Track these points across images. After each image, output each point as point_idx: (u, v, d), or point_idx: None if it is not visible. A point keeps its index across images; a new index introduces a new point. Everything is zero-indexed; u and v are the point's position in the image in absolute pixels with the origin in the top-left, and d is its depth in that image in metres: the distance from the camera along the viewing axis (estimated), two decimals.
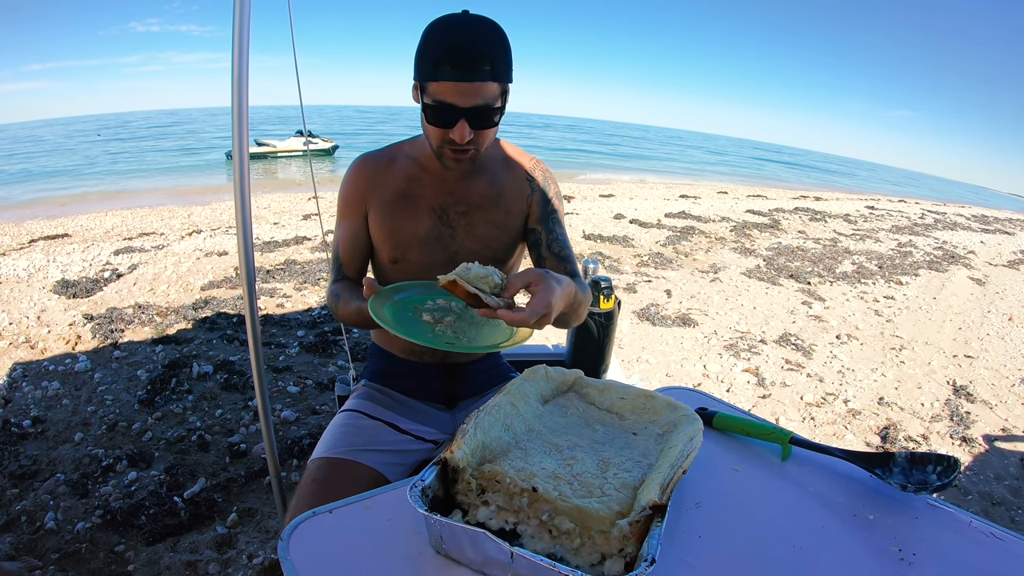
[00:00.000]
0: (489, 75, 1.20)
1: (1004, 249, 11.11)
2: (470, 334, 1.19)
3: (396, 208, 1.42)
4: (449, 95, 1.19)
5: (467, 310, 1.26)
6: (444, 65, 1.17)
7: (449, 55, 1.16)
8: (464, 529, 0.73)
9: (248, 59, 1.46)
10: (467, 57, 1.17)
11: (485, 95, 1.21)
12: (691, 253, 7.69)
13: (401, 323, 1.16)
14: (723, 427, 1.18)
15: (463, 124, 1.22)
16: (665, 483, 0.79)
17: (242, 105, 1.48)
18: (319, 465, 1.32)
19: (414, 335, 1.09)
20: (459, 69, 1.17)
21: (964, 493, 2.93)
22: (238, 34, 1.42)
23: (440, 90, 1.19)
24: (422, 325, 1.19)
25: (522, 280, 1.06)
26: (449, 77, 1.17)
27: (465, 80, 1.18)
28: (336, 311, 1.42)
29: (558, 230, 1.50)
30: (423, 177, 1.43)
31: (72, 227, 8.30)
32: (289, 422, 3.02)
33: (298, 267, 5.70)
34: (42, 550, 2.12)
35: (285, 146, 21.92)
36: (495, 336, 1.21)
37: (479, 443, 0.85)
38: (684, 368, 4.10)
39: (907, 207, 18.28)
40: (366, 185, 1.44)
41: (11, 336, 3.94)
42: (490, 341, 1.18)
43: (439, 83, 1.19)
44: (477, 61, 1.18)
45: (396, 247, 1.43)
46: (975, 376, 4.43)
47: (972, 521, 0.94)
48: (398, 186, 1.43)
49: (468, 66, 1.17)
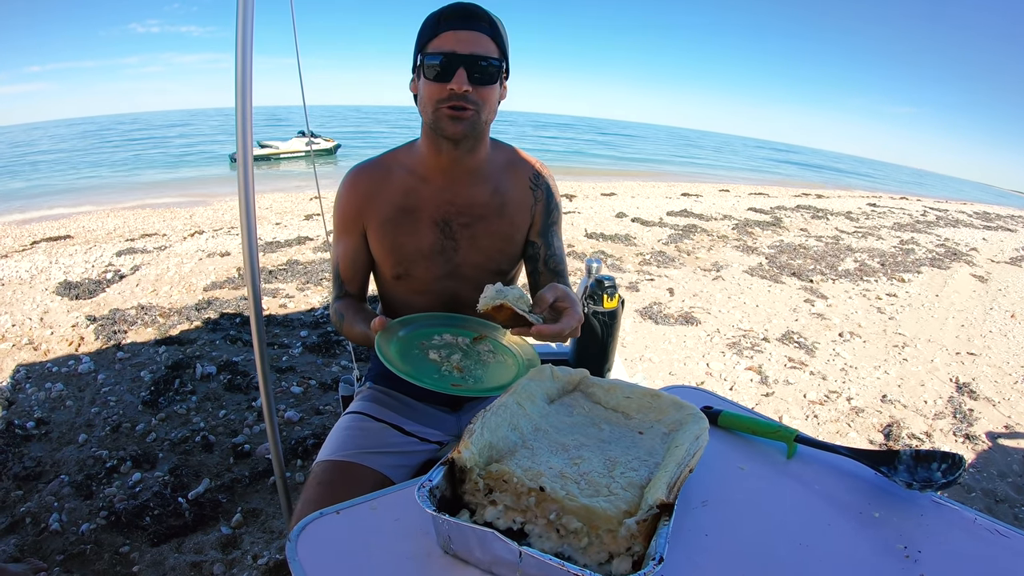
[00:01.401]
0: (487, 31, 1.26)
1: (1007, 246, 11.08)
2: (476, 373, 1.20)
3: (396, 224, 1.40)
4: (448, 44, 1.23)
5: (473, 347, 1.27)
6: (444, 19, 1.24)
7: (449, 10, 1.25)
8: (472, 529, 0.73)
9: (251, 61, 1.46)
10: (467, 10, 1.25)
11: (483, 47, 1.25)
12: (693, 251, 7.69)
13: (407, 361, 1.17)
14: (728, 426, 1.18)
15: (461, 72, 1.23)
16: (672, 482, 0.79)
17: (246, 107, 1.47)
18: (324, 468, 1.32)
19: (420, 378, 1.11)
20: (459, 18, 1.24)
21: (968, 490, 2.93)
22: (241, 36, 1.41)
23: (439, 43, 1.24)
24: (428, 364, 1.19)
25: (551, 295, 1.11)
26: (449, 27, 1.23)
27: (465, 29, 1.24)
28: (340, 330, 1.42)
29: (556, 244, 1.50)
30: (421, 188, 1.40)
31: (74, 228, 8.32)
32: (293, 422, 3.03)
33: (300, 267, 5.71)
34: (47, 552, 2.13)
35: (288, 147, 21.93)
36: (501, 375, 1.21)
37: (486, 443, 0.85)
38: (687, 367, 4.10)
39: (909, 204, 18.25)
40: (362, 200, 1.42)
41: (14, 338, 3.94)
42: (496, 381, 1.19)
43: (439, 37, 1.24)
44: (475, 14, 1.25)
45: (399, 263, 1.42)
46: (978, 373, 4.42)
47: (977, 518, 0.95)
48: (396, 200, 1.40)
49: (467, 16, 1.25)
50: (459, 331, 1.31)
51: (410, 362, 1.17)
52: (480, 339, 1.30)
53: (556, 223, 1.52)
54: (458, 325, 1.34)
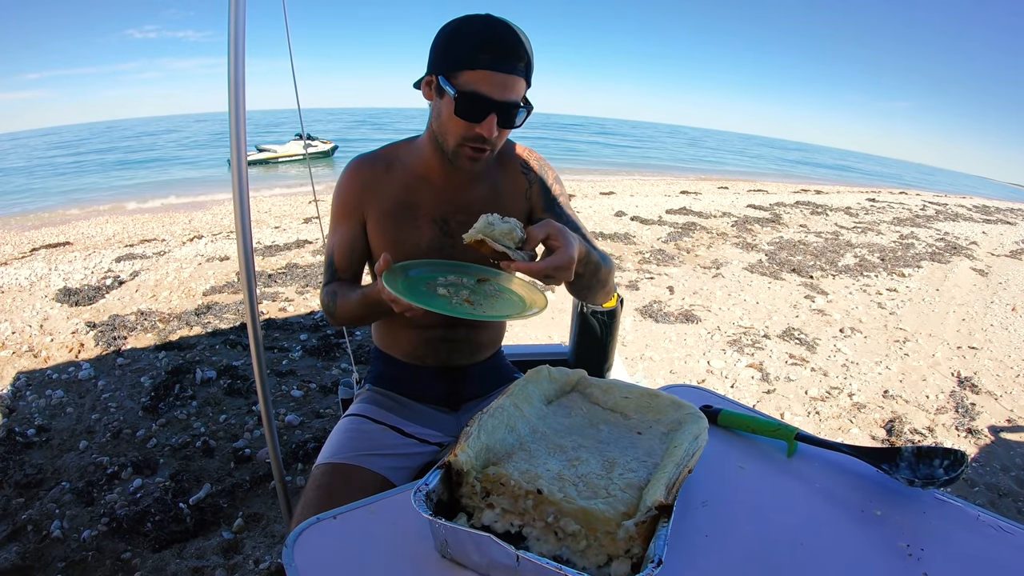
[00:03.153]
0: (523, 72, 1.19)
1: (1006, 239, 11.07)
2: (485, 306, 1.17)
3: (397, 219, 1.39)
4: (484, 85, 1.16)
5: (480, 285, 1.26)
6: (483, 53, 1.14)
7: (491, 44, 1.14)
8: (469, 533, 0.73)
9: (244, 65, 1.46)
10: (508, 47, 1.16)
11: (517, 92, 1.20)
12: (693, 249, 7.68)
13: (416, 296, 1.12)
14: (728, 424, 1.17)
15: (493, 119, 1.19)
16: (671, 482, 0.78)
17: (239, 111, 1.47)
18: (324, 471, 1.31)
19: (433, 305, 1.08)
20: (499, 58, 1.15)
21: (971, 484, 2.92)
22: (233, 40, 1.41)
23: (475, 79, 1.16)
24: (438, 298, 1.16)
25: (541, 232, 1.09)
26: (487, 66, 1.15)
27: (503, 71, 1.16)
28: (335, 308, 1.40)
29: (566, 214, 1.47)
30: (422, 186, 1.40)
31: (73, 235, 8.32)
32: (293, 426, 3.02)
33: (300, 271, 5.70)
34: (48, 559, 2.12)
35: (285, 151, 21.94)
36: (509, 308, 1.19)
37: (483, 446, 0.85)
38: (688, 365, 4.10)
39: (908, 199, 18.24)
40: (363, 190, 1.41)
41: (14, 345, 3.94)
42: (507, 311, 1.17)
43: (475, 72, 1.16)
44: (516, 54, 1.17)
45: (397, 258, 1.40)
46: (980, 367, 4.41)
47: (980, 515, 0.94)
48: (397, 195, 1.39)
49: (508, 55, 1.16)
50: (463, 275, 1.30)
51: (419, 297, 1.13)
52: (484, 281, 1.28)
53: (560, 195, 1.49)
54: (462, 270, 1.32)
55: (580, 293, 1.38)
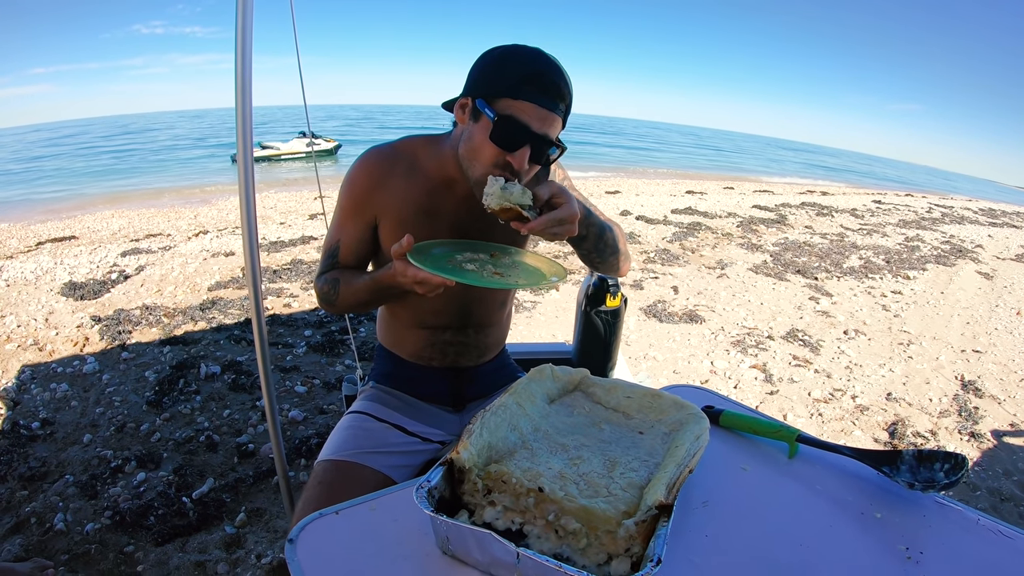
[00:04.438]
0: (562, 112, 1.21)
1: (1012, 243, 11.02)
2: (512, 277, 1.19)
3: (416, 227, 1.31)
4: (525, 115, 1.16)
5: (494, 259, 1.27)
6: (529, 84, 1.15)
7: (539, 77, 1.15)
8: (470, 530, 0.73)
9: (251, 61, 1.46)
10: (554, 84, 1.17)
11: (554, 130, 1.20)
12: (698, 249, 7.67)
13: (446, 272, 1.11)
14: (730, 425, 1.17)
15: (526, 151, 1.18)
16: (671, 482, 0.79)
17: (246, 107, 1.47)
18: (325, 467, 1.31)
19: (466, 278, 1.10)
20: (544, 93, 1.16)
21: (973, 488, 2.91)
22: (241, 37, 1.42)
23: (515, 108, 1.16)
24: (468, 272, 1.16)
25: (546, 191, 1.15)
26: (531, 98, 1.15)
27: (546, 106, 1.16)
28: (335, 295, 1.36)
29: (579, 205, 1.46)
30: (444, 193, 1.35)
31: (79, 229, 8.35)
32: (297, 422, 3.03)
33: (305, 267, 5.72)
34: (52, 551, 2.13)
35: (289, 148, 21.94)
36: (534, 276, 1.22)
37: (485, 443, 0.85)
38: (691, 365, 4.10)
39: (914, 201, 18.18)
40: (375, 187, 1.34)
41: (19, 339, 3.96)
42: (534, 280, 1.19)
43: (518, 101, 1.16)
44: (560, 93, 1.18)
45: None
46: (983, 371, 4.40)
47: (980, 519, 0.94)
48: (419, 200, 1.34)
49: (553, 92, 1.17)
50: (477, 252, 1.30)
51: (449, 273, 1.12)
52: (496, 256, 1.30)
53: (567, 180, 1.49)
54: (474, 248, 1.31)
55: (591, 258, 1.41)
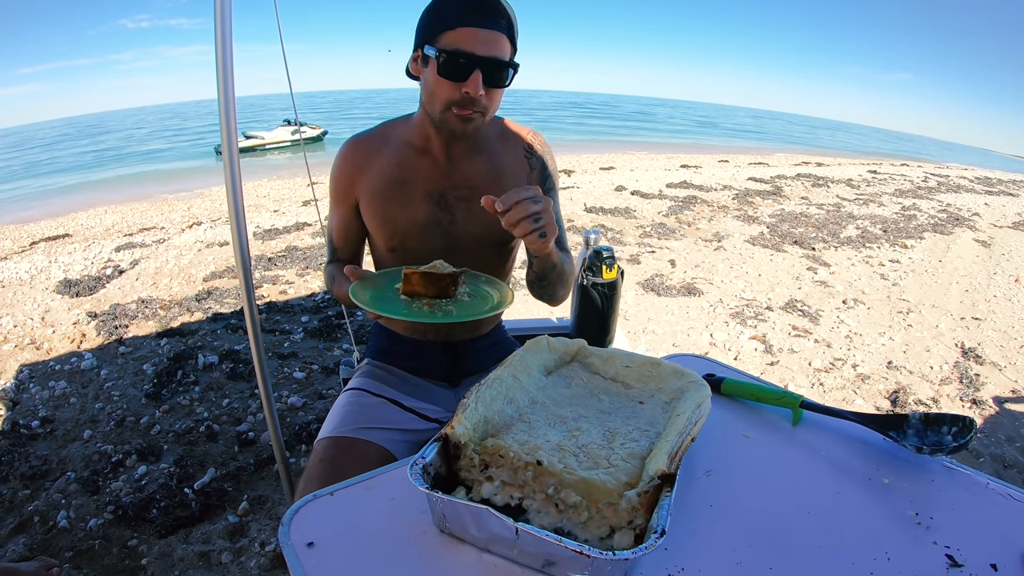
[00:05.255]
0: (505, 29, 1.20)
1: (1009, 210, 10.98)
2: (447, 308, 1.17)
3: (389, 196, 1.38)
4: (467, 43, 1.17)
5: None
6: (465, 12, 1.16)
7: (473, 2, 1.16)
8: (467, 506, 0.71)
9: (232, 50, 1.44)
10: (490, 5, 1.18)
11: (501, 48, 1.20)
12: (694, 222, 7.63)
13: (381, 303, 1.16)
14: (732, 393, 1.15)
15: (477, 75, 1.19)
16: (673, 452, 0.76)
17: (228, 97, 1.45)
18: (326, 445, 1.31)
19: (393, 311, 1.11)
20: (480, 15, 1.17)
21: (976, 456, 2.91)
22: (220, 25, 1.39)
23: (457, 38, 1.17)
24: (399, 302, 1.18)
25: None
26: (468, 23, 1.16)
27: (485, 27, 1.17)
28: (333, 291, 1.45)
29: (556, 205, 1.47)
30: (419, 162, 1.38)
31: (72, 226, 8.28)
32: (296, 408, 3.02)
33: (299, 253, 5.68)
34: (56, 549, 2.12)
35: (273, 137, 21.63)
36: (475, 307, 1.20)
37: (481, 417, 0.83)
38: (691, 337, 4.08)
39: (910, 171, 18.10)
40: (355, 172, 1.40)
41: (16, 338, 3.93)
42: (466, 312, 1.17)
43: (457, 31, 1.17)
44: (498, 11, 1.19)
45: (393, 236, 1.40)
46: (983, 338, 4.39)
47: (989, 483, 0.92)
48: (390, 172, 1.38)
49: (490, 12, 1.18)
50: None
51: (382, 302, 1.16)
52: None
53: (554, 187, 1.50)
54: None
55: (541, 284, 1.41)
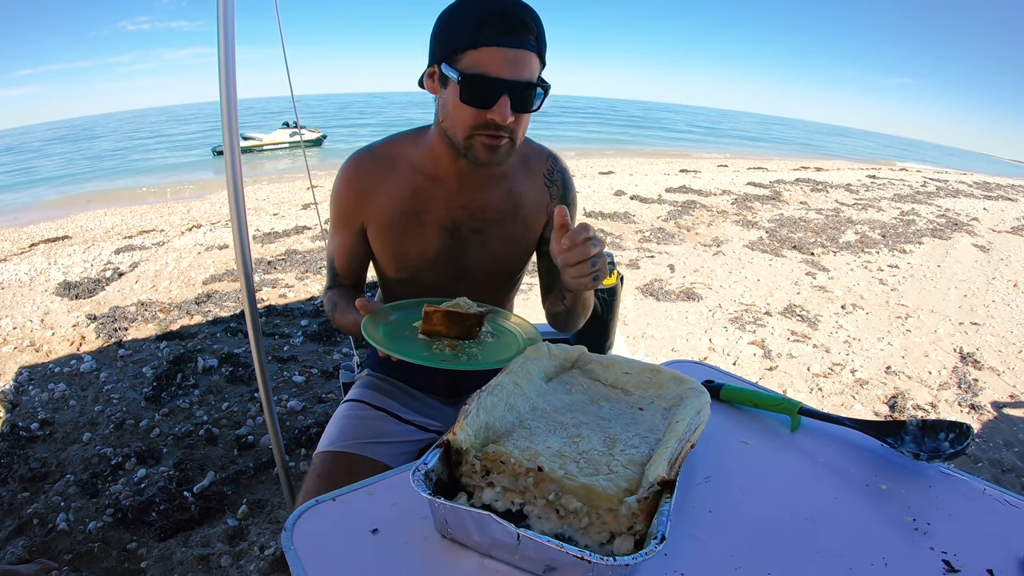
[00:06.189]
0: (534, 47, 1.08)
1: (1007, 215, 11.02)
2: (471, 351, 1.11)
3: (401, 228, 1.28)
4: (492, 65, 1.05)
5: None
6: (488, 28, 1.03)
7: (496, 17, 1.03)
8: (468, 512, 0.71)
9: (234, 53, 1.44)
10: (516, 19, 1.04)
11: (530, 69, 1.08)
12: (693, 227, 7.65)
13: (398, 342, 1.09)
14: (731, 399, 1.16)
15: (505, 101, 1.07)
16: (673, 458, 0.77)
17: (230, 99, 1.45)
18: (324, 459, 1.29)
19: (408, 353, 1.04)
20: (506, 32, 1.04)
21: (974, 460, 2.92)
22: (223, 28, 1.40)
23: (481, 60, 1.05)
24: (418, 343, 1.11)
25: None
26: (492, 42, 1.03)
27: (512, 46, 1.04)
28: (333, 319, 1.35)
29: None
30: (431, 190, 1.27)
31: (72, 229, 8.28)
32: (296, 412, 3.02)
33: (299, 256, 5.69)
34: (55, 551, 2.12)
35: (271, 139, 21.58)
36: (498, 353, 1.12)
37: (482, 424, 0.83)
38: (690, 342, 4.09)
39: (909, 175, 18.15)
40: (360, 196, 1.29)
41: (15, 340, 3.93)
42: (492, 358, 1.10)
43: (480, 51, 1.04)
44: (525, 26, 1.05)
45: (403, 269, 1.34)
46: (982, 343, 4.40)
47: (986, 489, 0.93)
48: (401, 202, 1.27)
49: (517, 28, 1.04)
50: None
51: (398, 342, 1.09)
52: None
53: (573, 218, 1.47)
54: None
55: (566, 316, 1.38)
